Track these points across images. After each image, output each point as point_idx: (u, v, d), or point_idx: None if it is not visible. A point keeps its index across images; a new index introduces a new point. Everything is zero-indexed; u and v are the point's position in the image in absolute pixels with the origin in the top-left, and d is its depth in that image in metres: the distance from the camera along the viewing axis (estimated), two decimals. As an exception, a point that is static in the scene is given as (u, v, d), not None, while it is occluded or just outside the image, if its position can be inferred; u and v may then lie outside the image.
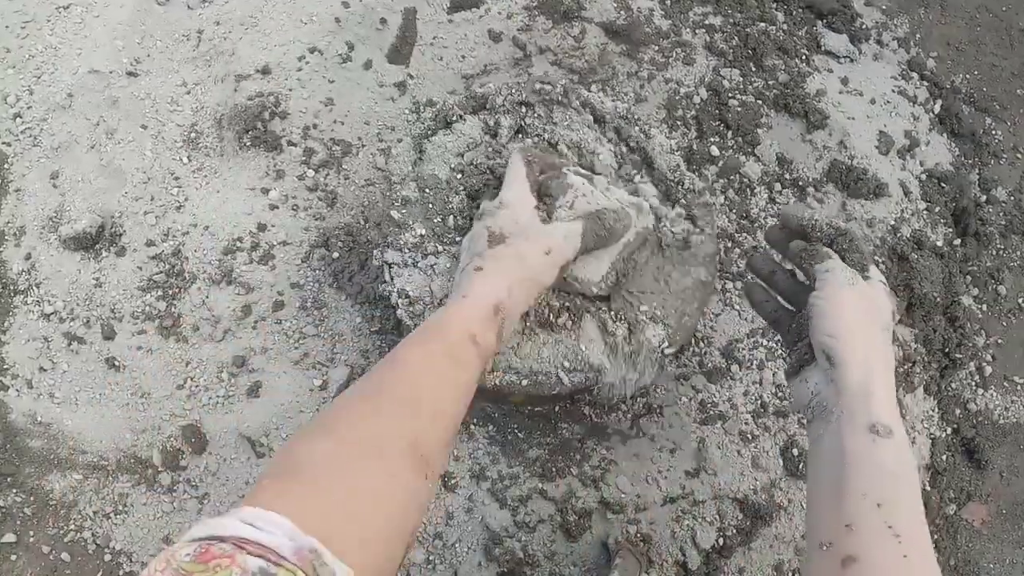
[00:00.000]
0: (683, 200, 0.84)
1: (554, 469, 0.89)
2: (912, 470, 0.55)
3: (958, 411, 0.99)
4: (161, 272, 0.94)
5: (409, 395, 0.54)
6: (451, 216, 0.81)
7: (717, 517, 0.88)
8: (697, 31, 1.12)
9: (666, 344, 0.77)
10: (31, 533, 0.87)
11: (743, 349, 0.96)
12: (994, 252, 1.07)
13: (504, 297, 0.63)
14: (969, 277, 1.04)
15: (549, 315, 0.76)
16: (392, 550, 0.46)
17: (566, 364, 0.75)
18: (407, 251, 0.79)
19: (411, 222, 0.81)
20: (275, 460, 0.51)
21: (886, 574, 0.49)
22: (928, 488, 0.96)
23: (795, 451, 0.92)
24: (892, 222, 1.03)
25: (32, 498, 0.88)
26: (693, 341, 0.95)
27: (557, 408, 0.92)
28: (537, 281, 0.68)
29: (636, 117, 0.87)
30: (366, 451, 0.48)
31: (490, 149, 0.84)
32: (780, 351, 0.94)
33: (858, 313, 0.61)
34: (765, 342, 0.96)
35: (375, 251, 0.81)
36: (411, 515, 0.48)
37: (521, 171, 0.74)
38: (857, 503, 0.52)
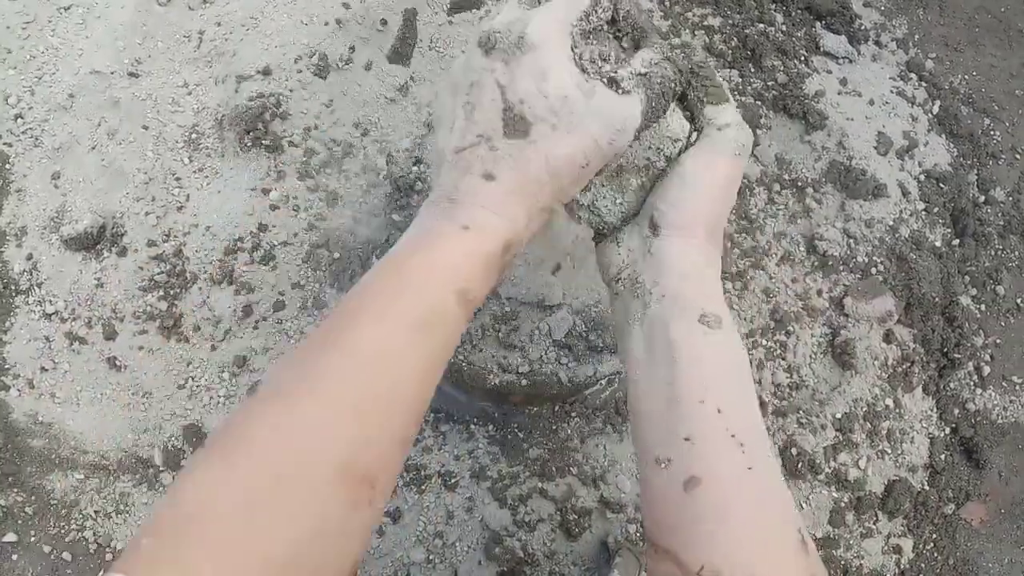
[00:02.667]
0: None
1: (554, 469, 0.89)
2: (743, 361, 0.47)
3: (956, 411, 0.99)
4: (162, 272, 0.94)
5: (350, 391, 0.38)
6: None
7: (716, 516, 0.89)
8: (696, 32, 1.12)
9: None
10: (32, 533, 0.87)
11: (742, 349, 0.96)
12: (992, 252, 1.07)
13: (521, 228, 0.45)
14: (967, 277, 1.05)
15: None
16: None
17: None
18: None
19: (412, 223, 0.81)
20: (159, 505, 0.37)
21: (732, 491, 0.42)
22: (927, 488, 0.96)
23: (794, 451, 0.93)
24: (891, 222, 1.03)
25: (33, 498, 0.89)
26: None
27: (557, 408, 0.92)
28: (565, 196, 0.47)
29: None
30: (280, 485, 0.35)
31: None
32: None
33: (716, 190, 0.49)
34: (764, 342, 0.96)
35: (375, 252, 0.81)
36: (351, 551, 0.37)
37: None
38: (695, 410, 0.43)
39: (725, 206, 0.50)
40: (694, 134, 0.51)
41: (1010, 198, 1.10)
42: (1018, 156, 1.13)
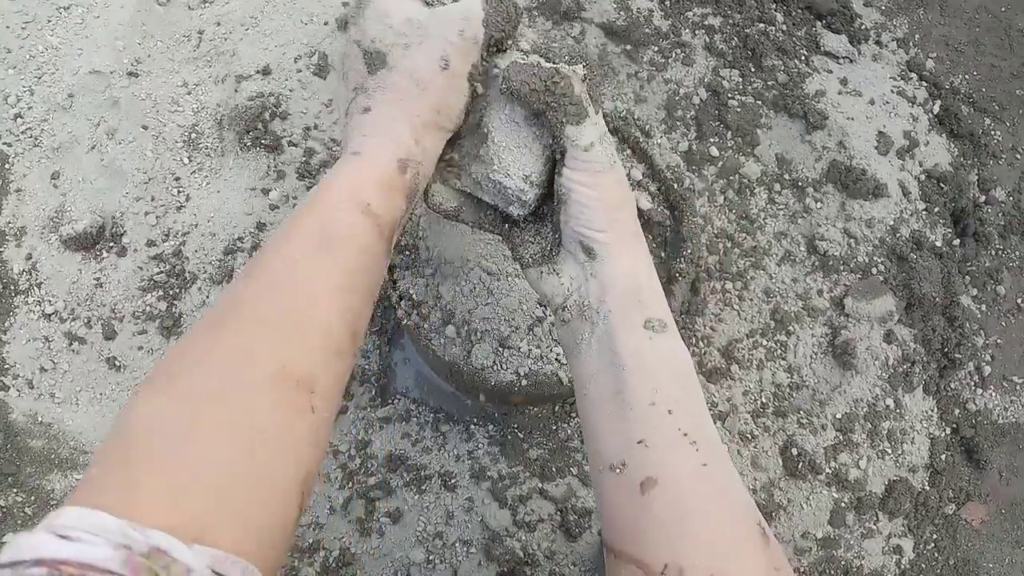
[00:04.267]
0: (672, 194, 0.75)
1: (554, 469, 0.89)
2: (690, 365, 0.49)
3: (957, 411, 0.99)
4: (162, 272, 0.94)
5: (271, 307, 0.41)
6: None
7: (717, 517, 0.89)
8: (696, 32, 1.12)
9: None
10: (32, 533, 0.87)
11: (742, 349, 0.96)
12: (993, 252, 1.07)
13: (412, 146, 0.49)
14: (968, 277, 1.05)
15: None
16: (278, 508, 0.37)
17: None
18: (407, 253, 0.79)
19: None
20: (106, 436, 0.38)
21: (688, 489, 0.42)
22: (927, 488, 0.96)
23: (794, 451, 0.93)
24: (891, 222, 1.03)
25: (33, 498, 0.88)
26: (694, 340, 0.95)
27: (557, 408, 0.92)
28: (446, 108, 0.51)
29: (636, 117, 0.87)
30: (218, 397, 0.37)
31: None
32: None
33: (618, 199, 0.51)
34: (765, 342, 0.96)
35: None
36: (297, 461, 0.38)
37: None
38: (647, 413, 0.45)
39: (631, 204, 0.52)
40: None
41: (1011, 198, 1.10)
42: (1019, 156, 1.13)
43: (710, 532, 0.41)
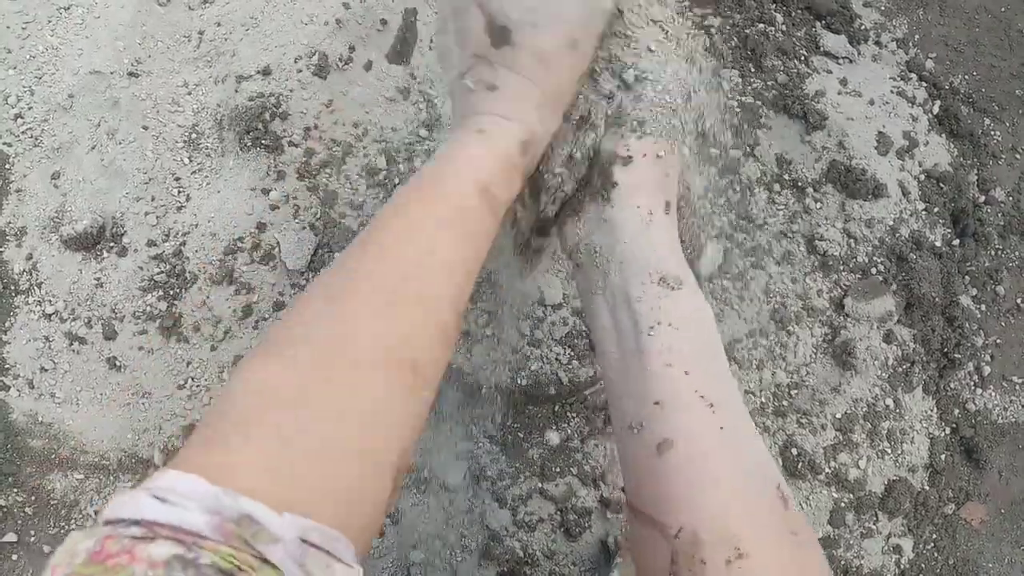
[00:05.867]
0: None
1: (554, 469, 0.89)
2: (711, 323, 0.48)
3: (957, 411, 0.99)
4: (162, 272, 0.94)
5: (384, 283, 0.40)
6: None
7: (716, 516, 0.89)
8: (696, 32, 1.12)
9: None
10: (32, 533, 0.87)
11: (743, 349, 0.96)
12: (992, 252, 1.07)
13: (536, 127, 0.47)
14: (968, 277, 1.05)
15: None
16: (372, 490, 0.37)
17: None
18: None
19: None
20: (217, 397, 0.40)
21: (705, 451, 0.42)
22: (927, 488, 0.96)
23: (794, 451, 0.93)
24: (891, 223, 1.03)
25: (33, 498, 0.89)
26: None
27: (557, 408, 0.92)
28: (569, 89, 0.50)
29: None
30: (326, 369, 0.37)
31: None
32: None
33: (664, 159, 0.52)
34: (764, 342, 0.96)
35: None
36: (397, 443, 0.38)
37: None
38: (663, 374, 0.44)
39: (668, 170, 0.52)
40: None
41: (1010, 198, 1.10)
42: (1018, 156, 1.13)
43: (725, 496, 0.41)
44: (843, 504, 0.93)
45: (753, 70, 1.11)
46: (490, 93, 0.47)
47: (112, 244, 0.95)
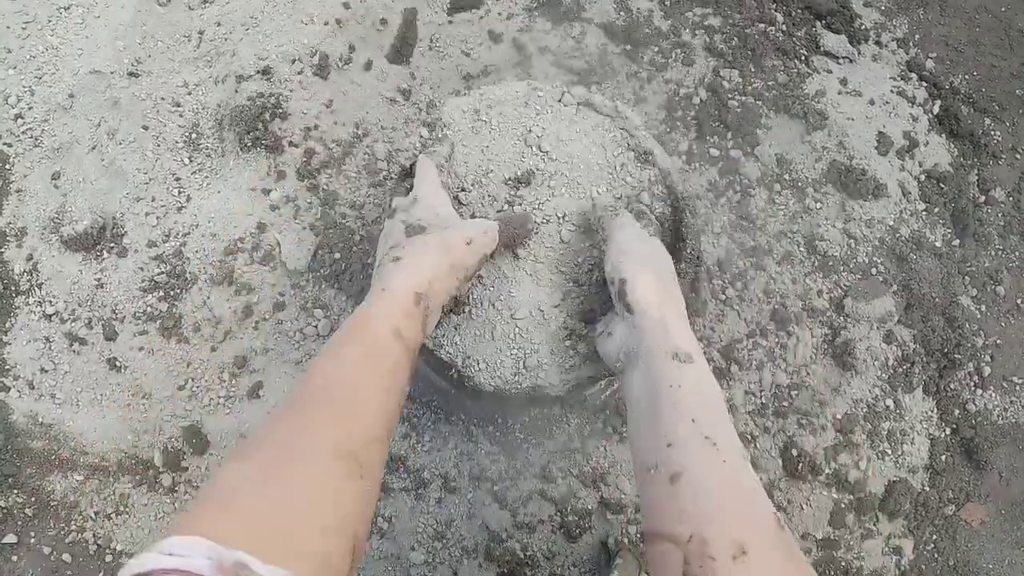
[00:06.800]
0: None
1: (554, 469, 0.89)
2: (715, 388, 0.58)
3: (957, 411, 0.99)
4: (162, 273, 0.94)
5: (330, 399, 0.53)
6: None
7: (717, 517, 0.89)
8: (696, 32, 1.12)
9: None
10: (32, 534, 0.87)
11: (743, 350, 0.96)
12: (993, 253, 1.07)
13: (425, 286, 0.62)
14: (968, 278, 1.05)
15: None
16: (333, 550, 0.46)
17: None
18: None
19: None
20: (199, 491, 0.49)
21: (710, 478, 0.51)
22: (927, 488, 0.96)
23: (794, 451, 0.93)
24: (891, 222, 1.03)
25: (33, 499, 0.88)
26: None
27: (557, 409, 0.92)
28: (460, 267, 0.66)
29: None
30: (289, 462, 0.48)
31: None
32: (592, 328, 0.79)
33: (647, 261, 0.66)
34: (764, 343, 0.96)
35: (374, 251, 0.81)
36: (349, 514, 0.48)
37: (432, 170, 0.75)
38: (674, 422, 0.55)
39: (661, 274, 0.66)
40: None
41: (1010, 198, 1.10)
42: (1018, 156, 1.13)
43: (729, 510, 0.49)
44: (843, 505, 0.93)
45: (753, 70, 1.11)
46: (394, 264, 0.63)
47: (112, 244, 0.95)
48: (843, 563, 0.91)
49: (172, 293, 0.94)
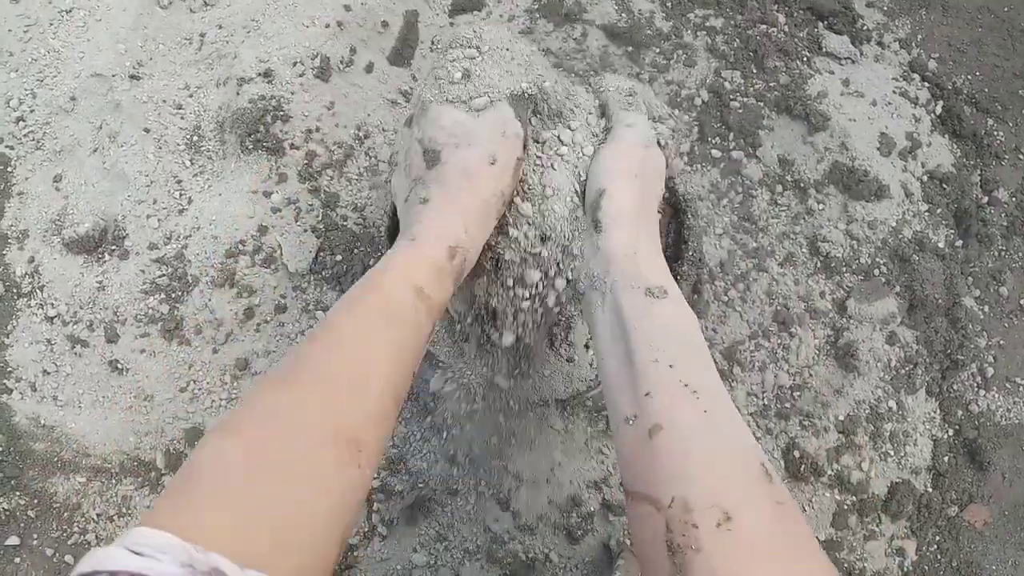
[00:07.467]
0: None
1: (556, 471, 0.89)
2: (694, 326, 0.54)
3: (960, 412, 0.99)
4: (164, 275, 0.94)
5: (331, 371, 0.46)
6: None
7: (719, 519, 0.88)
8: (698, 33, 1.12)
9: None
10: (35, 536, 0.87)
11: (744, 351, 0.96)
12: (996, 253, 1.06)
13: (461, 234, 0.55)
14: (971, 278, 1.04)
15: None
16: (321, 551, 0.41)
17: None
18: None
19: None
20: (177, 473, 0.43)
21: (691, 432, 0.47)
22: (930, 490, 0.96)
23: (797, 453, 0.92)
24: (893, 224, 1.03)
25: (36, 501, 0.89)
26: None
27: (558, 409, 0.92)
28: (494, 203, 0.58)
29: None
30: (279, 447, 0.41)
31: None
32: None
33: (639, 178, 0.59)
34: (767, 345, 0.96)
35: (377, 253, 0.81)
36: (342, 511, 0.42)
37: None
38: (650, 368, 0.50)
39: (649, 188, 0.59)
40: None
41: (1014, 199, 1.10)
42: (1021, 156, 1.13)
43: (712, 468, 0.45)
44: (846, 506, 0.93)
45: (755, 71, 1.11)
46: (423, 206, 0.56)
47: (114, 247, 0.96)
48: (846, 565, 0.91)
49: (174, 295, 0.94)
